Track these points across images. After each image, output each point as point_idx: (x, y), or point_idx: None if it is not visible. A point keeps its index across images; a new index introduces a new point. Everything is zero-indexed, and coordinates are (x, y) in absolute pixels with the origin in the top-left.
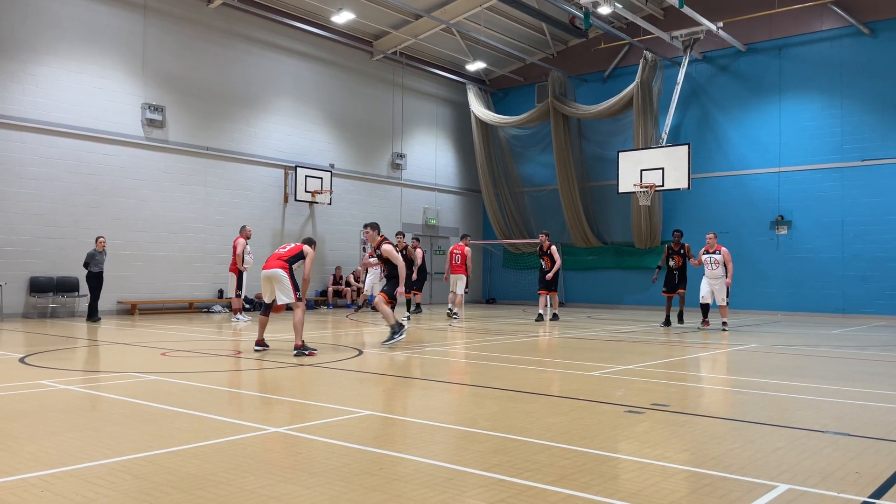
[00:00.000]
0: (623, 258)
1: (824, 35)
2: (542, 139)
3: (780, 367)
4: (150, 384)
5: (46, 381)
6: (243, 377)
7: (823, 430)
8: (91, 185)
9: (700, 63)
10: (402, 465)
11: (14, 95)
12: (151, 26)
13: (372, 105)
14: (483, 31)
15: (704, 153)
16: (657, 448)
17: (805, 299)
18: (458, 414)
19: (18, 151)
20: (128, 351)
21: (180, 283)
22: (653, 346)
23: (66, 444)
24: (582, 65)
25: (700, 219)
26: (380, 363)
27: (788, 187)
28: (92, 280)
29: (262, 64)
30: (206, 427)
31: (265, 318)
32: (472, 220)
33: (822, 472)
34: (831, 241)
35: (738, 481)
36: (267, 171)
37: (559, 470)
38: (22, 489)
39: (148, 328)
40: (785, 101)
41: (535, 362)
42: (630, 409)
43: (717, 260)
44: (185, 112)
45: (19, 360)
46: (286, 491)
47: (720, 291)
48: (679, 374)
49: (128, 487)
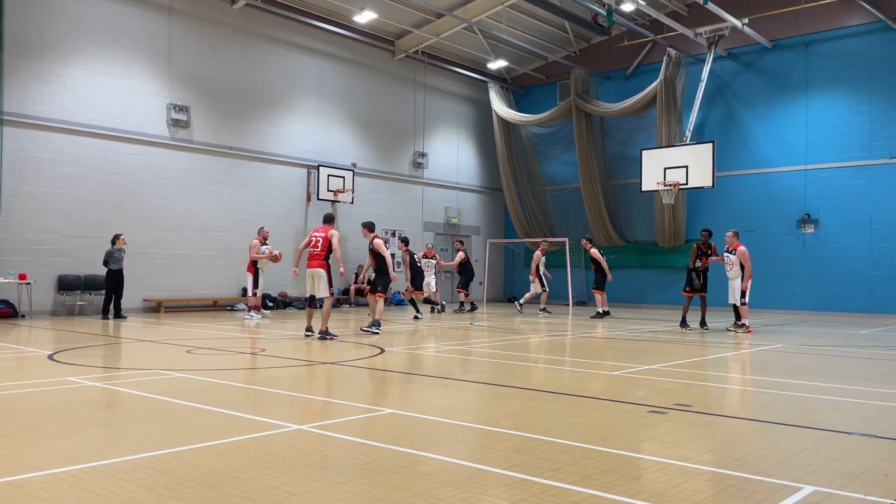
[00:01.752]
0: (646, 257)
1: (852, 30)
2: (565, 137)
3: (806, 367)
4: (175, 381)
5: (74, 377)
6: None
7: (850, 432)
8: (117, 184)
9: (725, 60)
10: (423, 463)
11: (42, 96)
12: (176, 27)
13: (394, 104)
14: (505, 29)
15: (729, 151)
16: (680, 448)
17: (832, 299)
18: (479, 413)
19: (47, 151)
20: (153, 348)
21: (205, 282)
22: (676, 346)
23: (94, 439)
24: (604, 62)
25: (725, 217)
26: (402, 362)
27: (815, 185)
28: (111, 278)
29: (285, 64)
30: (230, 424)
31: (311, 310)
32: (493, 219)
33: (849, 473)
34: (859, 240)
35: (763, 482)
36: (290, 170)
37: (581, 470)
38: (51, 484)
39: (173, 326)
40: (812, 97)
41: (557, 361)
42: (653, 409)
43: (732, 260)
44: (210, 112)
45: (48, 357)
46: (309, 488)
47: (735, 291)
48: (703, 375)
49: (154, 483)
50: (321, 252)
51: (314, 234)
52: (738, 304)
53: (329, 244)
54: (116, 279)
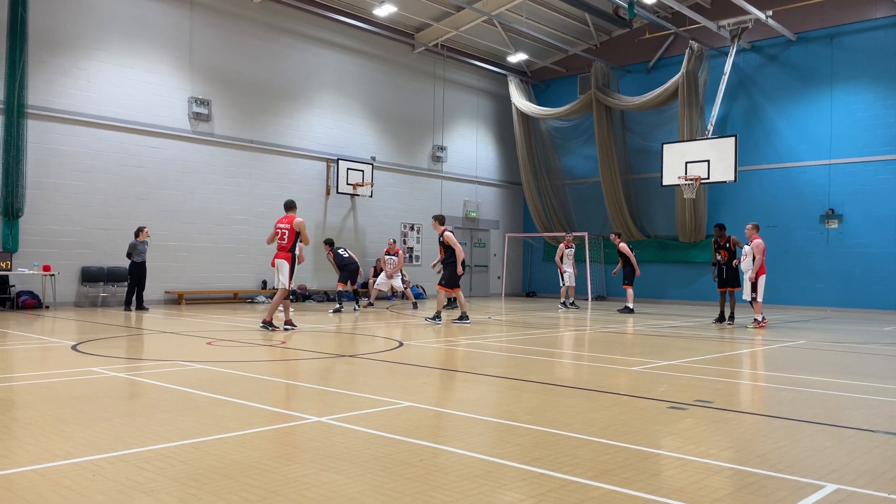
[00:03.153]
0: (667, 252)
1: (878, 23)
2: (585, 131)
3: (830, 364)
4: (196, 372)
5: (97, 367)
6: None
7: (874, 430)
8: (140, 177)
9: (748, 53)
10: (442, 456)
11: (66, 90)
12: (198, 21)
13: (413, 98)
14: (525, 22)
15: (752, 145)
16: (700, 445)
17: (856, 295)
18: (498, 407)
19: (70, 145)
20: (175, 340)
21: (225, 274)
22: (697, 342)
23: (117, 429)
24: (626, 55)
25: (747, 212)
26: (420, 355)
27: (839, 180)
28: (134, 270)
29: (305, 58)
30: (251, 415)
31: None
32: (512, 213)
33: (873, 472)
34: (884, 236)
35: (785, 480)
36: (309, 163)
37: (600, 465)
38: (75, 473)
39: (194, 318)
40: (837, 91)
41: (576, 356)
42: (673, 405)
43: (747, 251)
44: (230, 106)
45: (72, 348)
46: (328, 479)
47: (746, 286)
48: (723, 371)
49: (176, 473)
50: (288, 244)
51: (279, 226)
52: (752, 298)
53: (296, 236)
54: (140, 271)
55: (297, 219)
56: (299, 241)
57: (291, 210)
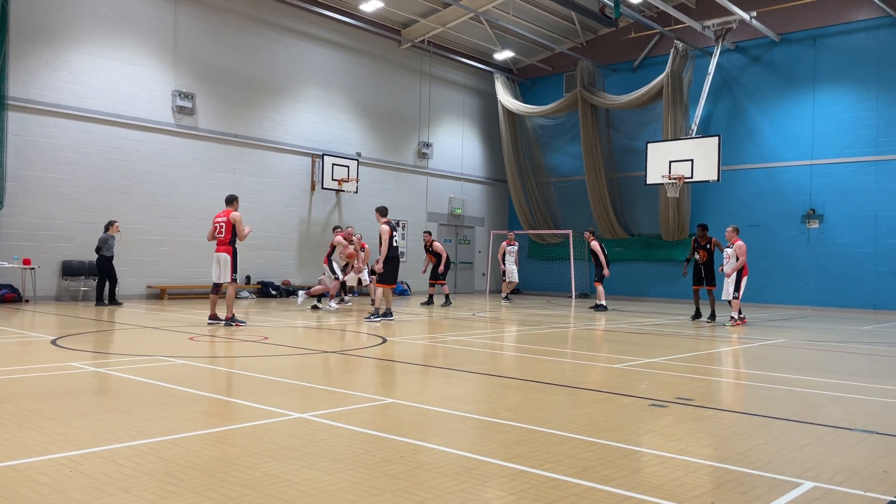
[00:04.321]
0: (650, 250)
1: (861, 25)
2: (570, 129)
3: (809, 362)
4: (177, 368)
5: (77, 362)
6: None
7: (851, 428)
8: (122, 170)
9: (732, 53)
10: (423, 453)
11: (49, 82)
12: (182, 14)
13: (399, 94)
14: (511, 19)
15: (735, 145)
16: (680, 442)
17: (836, 294)
18: (480, 404)
19: (52, 137)
20: (156, 335)
21: (208, 269)
22: (678, 340)
23: (95, 425)
24: (611, 54)
25: (730, 211)
26: (403, 352)
27: (821, 180)
28: (105, 264)
29: (291, 52)
30: (231, 411)
31: (215, 297)
32: (497, 211)
33: (849, 470)
34: (864, 236)
35: (763, 477)
36: (294, 158)
37: (581, 462)
38: (52, 469)
39: (176, 313)
40: (819, 92)
41: (559, 353)
42: (654, 403)
43: (729, 254)
44: (215, 99)
45: (51, 342)
46: (309, 476)
47: (728, 286)
48: (704, 369)
49: (154, 469)
50: (226, 237)
51: (217, 220)
52: (731, 297)
53: (233, 228)
54: (110, 265)
55: (233, 212)
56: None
57: (230, 204)
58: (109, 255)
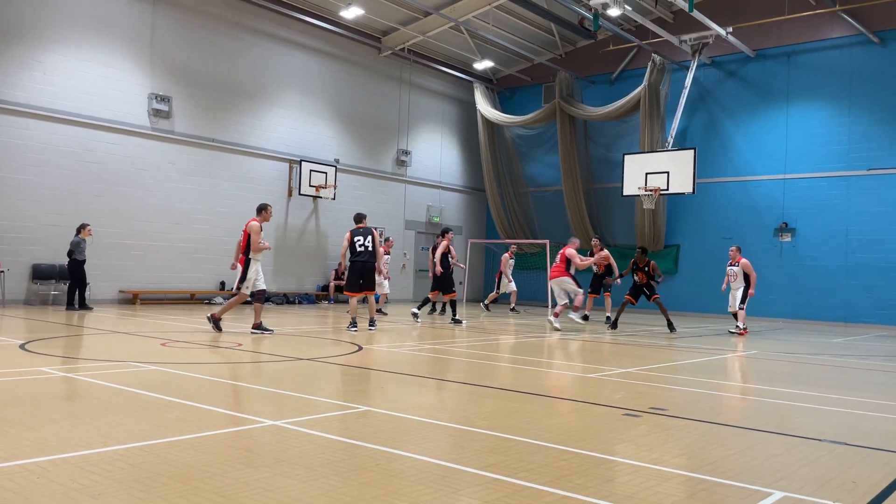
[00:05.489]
0: (626, 261)
1: (834, 43)
2: (548, 140)
3: (780, 374)
4: (149, 374)
5: (46, 367)
6: (242, 369)
7: (821, 439)
8: (95, 173)
9: (708, 68)
10: (397, 461)
11: (21, 82)
12: (160, 17)
13: (378, 101)
14: (492, 29)
15: (710, 158)
16: (654, 451)
17: (807, 307)
18: (455, 412)
19: (23, 138)
20: (128, 340)
21: (183, 274)
22: (653, 350)
23: (64, 431)
24: (590, 66)
25: (704, 223)
26: (379, 359)
27: (793, 194)
28: (77, 268)
29: (270, 57)
30: (204, 418)
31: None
32: (475, 219)
33: (819, 480)
34: (835, 250)
35: (734, 487)
36: (272, 164)
37: (555, 471)
38: (19, 475)
39: (149, 318)
40: (793, 108)
41: (534, 363)
42: (628, 412)
43: (736, 272)
44: (192, 103)
45: (20, 347)
46: (281, 484)
47: (736, 299)
48: (678, 379)
49: (124, 476)
50: (244, 245)
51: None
52: (738, 309)
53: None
54: (82, 269)
55: (251, 222)
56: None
57: (258, 213)
58: (81, 259)
